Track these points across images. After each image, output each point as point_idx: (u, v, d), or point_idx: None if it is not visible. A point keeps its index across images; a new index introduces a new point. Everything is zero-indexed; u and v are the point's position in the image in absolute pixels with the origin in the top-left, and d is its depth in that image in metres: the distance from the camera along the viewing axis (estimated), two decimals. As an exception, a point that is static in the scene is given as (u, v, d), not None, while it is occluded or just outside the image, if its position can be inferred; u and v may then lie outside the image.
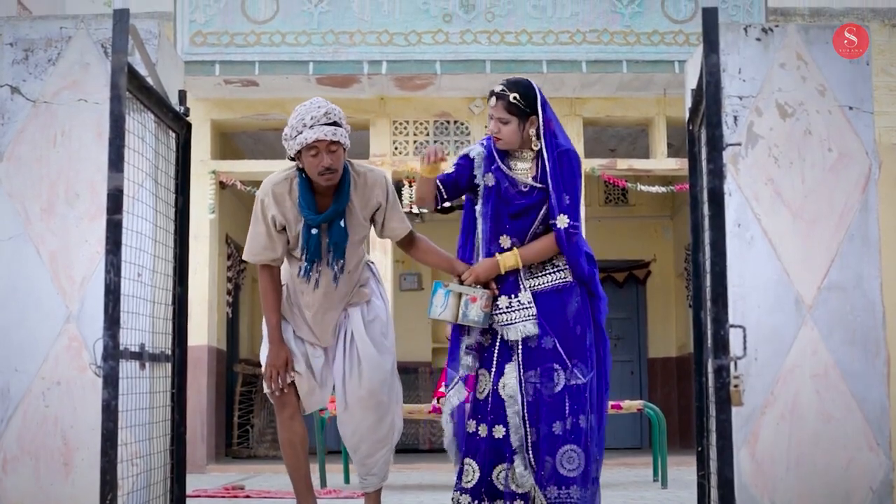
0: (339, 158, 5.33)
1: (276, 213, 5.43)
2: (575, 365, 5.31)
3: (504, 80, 5.55)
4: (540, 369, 5.33)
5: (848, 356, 5.32)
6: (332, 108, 5.37)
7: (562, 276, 5.44)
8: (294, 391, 5.59)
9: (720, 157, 4.31)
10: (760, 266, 5.36)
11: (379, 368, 5.62)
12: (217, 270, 12.62)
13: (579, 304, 5.41)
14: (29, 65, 5.42)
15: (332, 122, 5.32)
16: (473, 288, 5.43)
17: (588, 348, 5.37)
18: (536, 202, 5.44)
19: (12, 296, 5.29)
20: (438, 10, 11.37)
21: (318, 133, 5.25)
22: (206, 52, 11.33)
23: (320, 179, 5.34)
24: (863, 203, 5.41)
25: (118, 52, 4.41)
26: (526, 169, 5.51)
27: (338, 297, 5.61)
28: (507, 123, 5.43)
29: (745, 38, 5.48)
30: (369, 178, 5.57)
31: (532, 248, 5.45)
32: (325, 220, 5.42)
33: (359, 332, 5.66)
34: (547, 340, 5.33)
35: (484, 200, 5.53)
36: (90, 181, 5.33)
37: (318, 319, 5.60)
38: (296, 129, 5.30)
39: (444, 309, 5.46)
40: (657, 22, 11.46)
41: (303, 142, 5.26)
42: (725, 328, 4.22)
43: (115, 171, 4.38)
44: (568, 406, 5.29)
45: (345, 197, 5.43)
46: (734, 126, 5.43)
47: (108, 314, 4.33)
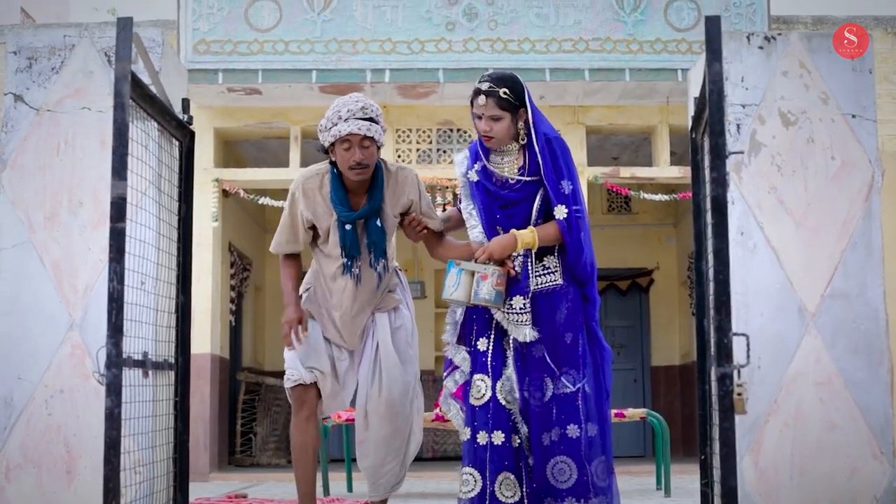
0: (371, 155, 5.29)
1: (304, 209, 5.41)
2: (564, 373, 5.21)
3: (487, 77, 5.37)
4: (529, 378, 5.23)
5: (851, 364, 5.32)
6: (369, 104, 5.32)
7: (552, 280, 5.31)
8: (315, 392, 5.48)
9: (723, 165, 4.31)
10: (763, 274, 5.36)
11: (399, 380, 5.51)
12: (220, 278, 12.61)
13: (570, 309, 5.28)
14: (32, 73, 5.42)
15: (367, 117, 5.27)
16: (485, 265, 5.22)
17: (580, 355, 5.25)
18: (526, 195, 5.33)
19: (15, 304, 5.30)
20: (441, 19, 11.38)
21: (353, 126, 5.21)
22: (210, 61, 11.33)
23: (351, 174, 5.29)
24: (866, 211, 5.40)
25: (122, 60, 4.42)
26: (511, 162, 5.38)
27: (367, 300, 5.52)
28: (499, 120, 5.28)
29: (747, 46, 5.48)
30: (400, 176, 5.50)
31: (545, 229, 5.28)
32: (359, 217, 5.37)
33: (384, 339, 5.55)
34: (537, 348, 5.24)
35: (473, 195, 5.44)
36: (94, 189, 5.33)
37: (346, 322, 5.49)
38: (331, 121, 5.28)
39: (456, 288, 5.24)
40: (660, 30, 11.46)
41: (336, 134, 5.24)
42: (729, 336, 4.22)
43: (118, 179, 4.38)
44: (555, 415, 5.19)
45: (378, 195, 5.38)
46: (737, 134, 5.44)
47: (111, 322, 4.33)
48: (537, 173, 5.30)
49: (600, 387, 5.33)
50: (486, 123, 5.30)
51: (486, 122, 5.30)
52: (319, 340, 5.51)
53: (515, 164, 5.36)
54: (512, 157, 5.37)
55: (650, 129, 12.63)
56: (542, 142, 5.30)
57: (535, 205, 5.31)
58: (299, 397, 5.46)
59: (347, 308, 5.47)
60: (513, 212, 5.33)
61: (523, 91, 5.33)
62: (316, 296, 5.57)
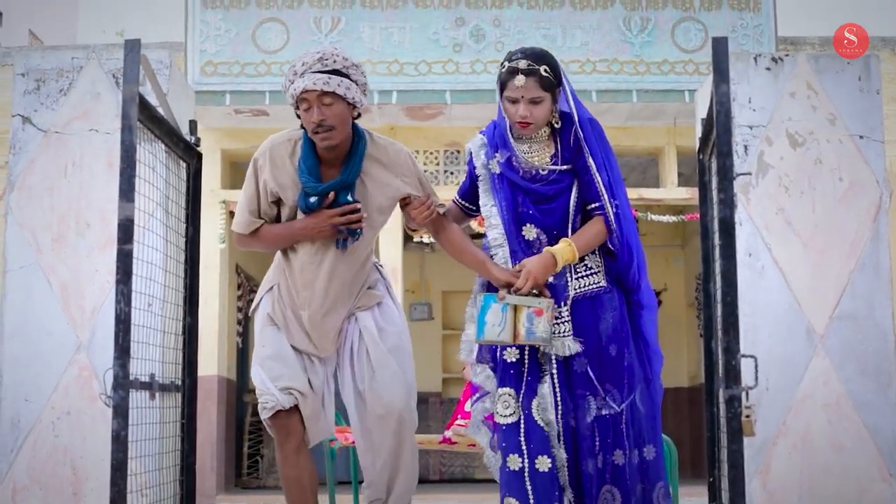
0: (337, 114, 4.57)
1: (268, 178, 4.70)
2: (608, 392, 4.56)
3: (521, 53, 4.68)
4: (573, 396, 4.57)
5: (860, 386, 5.31)
6: (331, 53, 4.59)
7: (595, 282, 4.66)
8: (298, 417, 4.72)
9: (731, 186, 4.31)
10: (772, 295, 5.35)
11: (398, 379, 4.76)
12: (227, 300, 12.60)
13: (616, 318, 4.64)
14: (41, 95, 5.43)
15: (329, 69, 4.55)
16: (536, 298, 4.50)
17: (625, 370, 4.60)
18: (562, 188, 4.68)
19: (23, 326, 5.30)
20: (449, 41, 11.39)
21: (307, 82, 4.51)
22: (217, 82, 11.35)
23: (316, 139, 4.59)
24: (874, 232, 5.40)
25: (129, 82, 4.42)
26: (541, 150, 4.71)
27: (340, 296, 4.76)
28: (539, 103, 4.60)
29: (754, 67, 5.48)
30: (391, 153, 4.79)
31: (584, 235, 4.61)
32: (326, 190, 4.62)
33: (371, 337, 4.80)
34: (579, 362, 4.56)
35: (494, 190, 4.76)
36: (101, 211, 5.34)
37: (315, 322, 4.74)
38: (288, 80, 4.62)
39: (502, 328, 4.48)
40: (667, 51, 11.47)
41: (292, 93, 4.58)
42: (737, 358, 4.20)
43: (125, 201, 4.38)
44: (599, 440, 4.54)
45: (355, 167, 4.66)
46: (744, 155, 5.43)
47: (118, 344, 4.32)
48: (570, 161, 4.68)
49: (654, 403, 4.74)
50: (525, 108, 4.62)
51: (525, 107, 4.62)
52: (289, 354, 4.76)
53: (546, 153, 4.72)
54: (541, 144, 4.73)
55: (657, 151, 12.63)
56: (585, 123, 4.68)
57: (572, 199, 4.69)
58: (283, 426, 4.71)
59: (318, 305, 4.73)
60: (548, 207, 4.68)
61: (559, 68, 4.73)
62: (280, 295, 4.84)
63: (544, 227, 4.68)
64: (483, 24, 11.51)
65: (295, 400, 4.68)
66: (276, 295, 4.83)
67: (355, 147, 4.71)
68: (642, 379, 4.68)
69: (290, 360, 4.74)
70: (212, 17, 11.41)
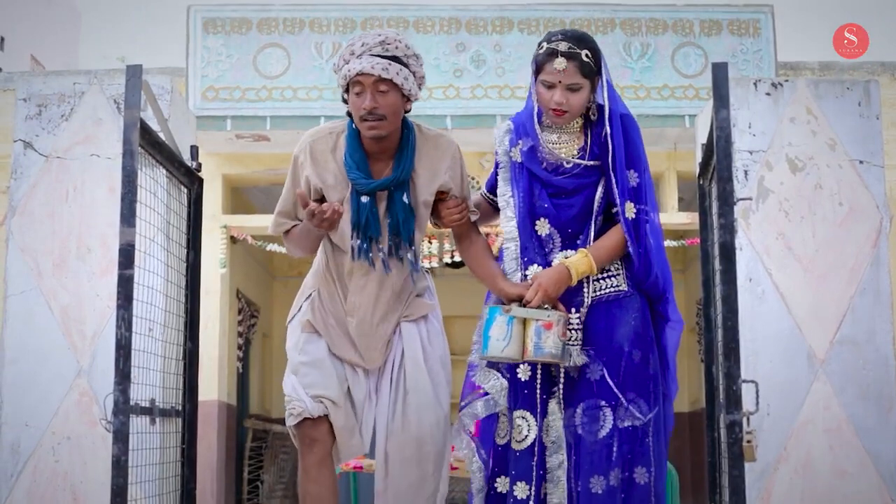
0: (390, 104, 4.20)
1: (311, 174, 4.32)
2: (631, 401, 4.15)
3: (561, 35, 4.28)
4: (583, 406, 4.17)
5: (861, 411, 5.30)
6: (394, 38, 4.24)
7: (614, 284, 4.28)
8: (327, 428, 4.29)
9: (731, 211, 4.31)
10: (772, 320, 5.35)
11: (431, 408, 4.32)
12: (227, 325, 12.59)
13: (639, 320, 4.25)
14: (42, 120, 5.44)
15: (389, 55, 4.20)
16: (546, 310, 4.12)
17: (651, 378, 4.21)
18: (586, 183, 4.29)
19: (23, 351, 5.29)
20: (449, 66, 11.41)
21: (365, 64, 4.15)
22: (218, 108, 11.36)
23: (363, 128, 4.20)
24: (874, 257, 5.40)
25: (131, 107, 4.43)
26: (570, 141, 4.34)
27: (392, 304, 4.37)
28: (577, 90, 4.21)
29: (754, 92, 5.49)
30: (441, 144, 4.41)
31: (603, 245, 4.23)
32: (380, 187, 4.24)
33: (414, 355, 4.36)
34: (593, 369, 4.17)
35: (514, 179, 4.40)
36: (102, 236, 5.34)
37: (365, 331, 4.34)
38: (343, 58, 4.24)
39: (508, 342, 4.11)
40: (667, 76, 11.48)
41: (346, 74, 4.19)
42: (738, 383, 4.20)
43: (126, 225, 4.39)
44: (617, 454, 4.13)
45: (408, 162, 4.31)
46: (745, 180, 5.44)
47: (118, 369, 4.32)
48: (599, 157, 4.30)
49: (667, 427, 4.37)
50: (561, 94, 4.21)
51: (561, 94, 4.21)
52: (325, 360, 4.36)
53: (575, 145, 4.34)
54: (571, 135, 4.35)
55: (658, 175, 12.63)
56: (616, 119, 4.30)
57: (597, 196, 4.30)
58: (307, 435, 4.29)
59: (367, 312, 4.34)
60: (567, 202, 4.30)
61: (601, 54, 4.30)
62: (321, 302, 4.45)
63: (559, 223, 4.32)
64: (484, 49, 11.53)
65: (325, 409, 4.28)
66: (316, 302, 4.44)
67: (405, 140, 4.35)
68: (662, 395, 4.29)
69: (328, 368, 4.34)
70: (213, 43, 11.44)
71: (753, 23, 11.55)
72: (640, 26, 11.51)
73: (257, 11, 11.45)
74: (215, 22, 11.45)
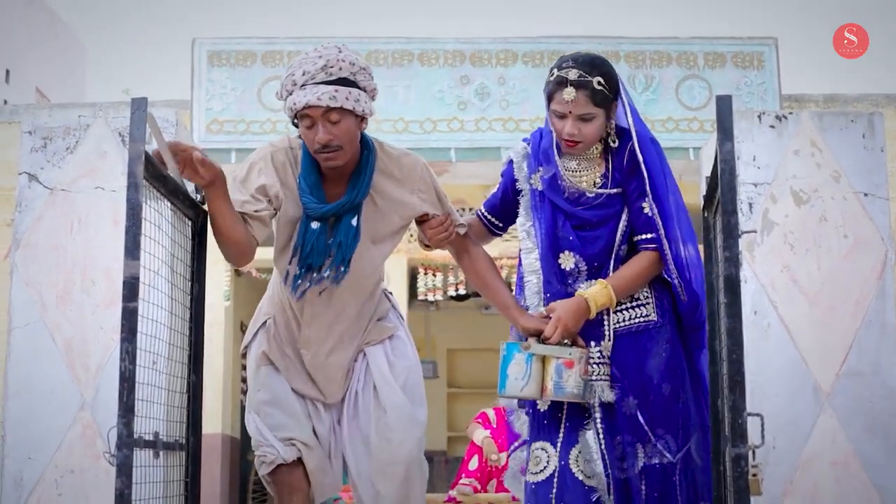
0: (345, 132, 3.90)
1: (273, 181, 4.01)
2: (660, 437, 4.06)
3: (571, 61, 4.06)
4: (622, 441, 4.05)
5: (868, 444, 5.28)
6: (336, 58, 3.89)
7: (643, 314, 4.16)
8: (302, 471, 4.16)
9: (736, 244, 4.30)
10: (777, 353, 5.33)
11: (413, 423, 4.12)
12: (231, 358, 12.58)
13: (669, 352, 4.16)
14: (47, 153, 5.45)
15: (334, 78, 3.87)
16: (566, 347, 3.96)
17: (680, 412, 4.13)
18: (610, 214, 4.13)
19: (27, 383, 5.29)
20: (453, 98, 11.43)
21: (310, 96, 3.85)
22: (223, 140, 11.39)
23: (319, 160, 3.96)
24: (879, 290, 5.39)
25: (136, 141, 4.43)
26: (591, 169, 4.14)
27: (348, 332, 4.16)
28: (590, 120, 4.02)
29: (759, 125, 5.49)
30: (405, 166, 4.14)
31: (624, 275, 4.09)
32: (330, 212, 3.99)
33: (381, 373, 4.16)
34: (627, 405, 4.05)
35: (535, 208, 4.19)
36: (106, 269, 5.34)
37: (319, 363, 4.17)
38: (286, 89, 3.96)
39: (526, 382, 3.94)
40: (671, 109, 11.51)
41: (291, 107, 3.93)
42: (743, 416, 4.18)
43: (131, 258, 4.38)
44: (645, 494, 4.01)
45: (363, 185, 4.02)
46: (749, 213, 5.43)
47: (122, 402, 4.30)
48: (622, 184, 4.14)
49: (706, 457, 4.30)
50: (573, 125, 4.02)
51: (573, 124, 4.02)
52: (289, 398, 4.19)
53: (596, 172, 4.15)
54: (591, 161, 4.16)
55: (662, 208, 12.64)
56: (647, 143, 4.12)
57: (620, 227, 4.15)
58: (284, 483, 4.14)
59: (319, 345, 4.15)
60: (591, 235, 4.12)
61: (617, 78, 4.13)
62: (276, 330, 4.27)
63: (585, 256, 4.15)
64: (488, 82, 11.56)
65: (298, 452, 4.15)
66: (271, 330, 4.30)
67: (364, 161, 4.07)
68: (699, 426, 4.24)
69: (291, 407, 4.19)
70: (218, 76, 11.47)
71: (758, 55, 11.58)
72: (644, 59, 11.55)
73: (262, 44, 11.50)
74: (220, 55, 11.49)
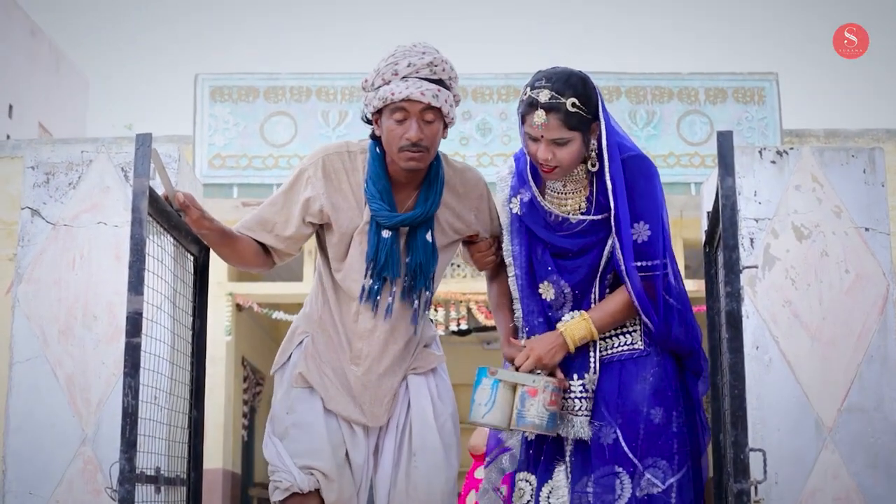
0: (434, 134, 3.72)
1: (320, 195, 3.81)
2: (649, 466, 3.77)
3: (544, 79, 3.70)
4: (596, 475, 3.76)
5: (870, 480, 5.26)
6: (440, 59, 3.72)
7: (627, 342, 3.90)
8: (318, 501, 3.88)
9: (737, 279, 4.30)
10: (779, 388, 5.33)
11: (442, 471, 3.88)
12: (233, 393, 12.58)
13: (657, 375, 3.87)
14: (50, 188, 5.46)
15: (437, 78, 3.70)
16: (535, 375, 3.76)
17: (674, 436, 3.84)
18: (594, 241, 3.84)
19: (28, 418, 5.28)
20: (455, 133, 11.46)
21: (413, 89, 3.64)
22: (225, 175, 11.42)
23: (400, 158, 3.71)
24: (881, 324, 5.39)
25: (140, 176, 4.44)
26: (576, 192, 3.85)
27: (400, 354, 3.92)
28: (565, 144, 3.69)
29: (760, 160, 5.50)
30: (469, 179, 3.97)
31: (605, 309, 3.82)
32: (405, 221, 3.76)
33: (423, 413, 3.90)
34: (606, 433, 3.78)
35: (513, 234, 3.94)
36: (108, 303, 5.34)
37: (370, 383, 3.87)
38: (382, 77, 3.70)
39: (490, 408, 3.73)
40: (673, 144, 11.54)
41: (386, 97, 3.68)
42: (745, 452, 4.17)
43: (134, 294, 4.38)
44: None
45: (435, 196, 3.80)
46: (751, 248, 5.44)
47: (125, 437, 4.30)
48: (608, 209, 3.80)
49: (701, 485, 3.99)
50: (546, 150, 3.70)
51: (546, 149, 3.70)
52: (319, 423, 3.90)
53: (582, 195, 3.86)
54: (578, 183, 3.86)
55: (663, 243, 12.64)
56: (615, 164, 3.76)
57: (605, 254, 3.85)
58: None
59: (374, 362, 3.87)
60: (573, 264, 3.86)
61: (597, 96, 3.76)
62: (316, 350, 4.02)
63: (567, 285, 3.89)
64: (489, 117, 11.60)
65: (316, 483, 3.86)
66: (309, 349, 4.03)
67: (435, 171, 3.85)
68: (691, 453, 3.95)
69: (320, 433, 3.89)
70: (220, 111, 11.51)
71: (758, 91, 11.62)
72: (645, 94, 11.59)
73: (264, 80, 11.54)
74: (222, 90, 11.53)
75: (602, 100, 3.80)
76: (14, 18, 16.90)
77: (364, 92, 3.83)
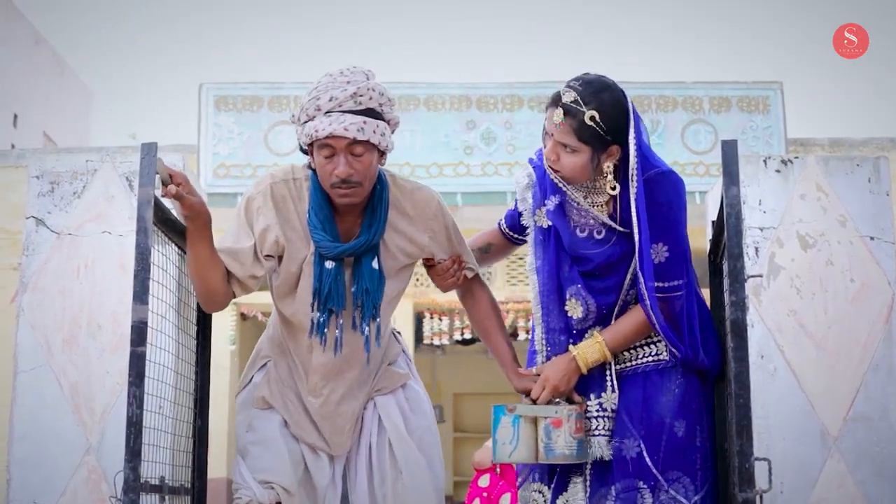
0: (366, 167, 3.59)
1: (271, 224, 3.71)
2: (672, 481, 3.74)
3: (578, 80, 3.62)
4: (617, 488, 3.70)
5: (876, 489, 5.25)
6: (366, 87, 3.56)
7: (652, 353, 3.87)
8: None
9: (742, 288, 4.30)
10: (784, 398, 5.32)
11: (427, 485, 3.83)
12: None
13: (682, 387, 3.84)
14: (54, 197, 5.46)
15: (362, 108, 3.55)
16: (554, 405, 3.68)
17: (697, 450, 3.85)
18: (621, 255, 3.78)
19: (32, 428, 5.28)
20: (460, 143, 11.47)
21: (336, 125, 3.51)
22: (229, 185, 11.42)
23: (334, 195, 3.64)
24: (886, 333, 5.38)
25: (145, 185, 4.43)
26: (599, 206, 3.79)
27: (358, 380, 3.85)
28: (571, 153, 3.63)
29: (764, 169, 5.50)
30: (419, 201, 3.83)
31: (620, 329, 3.77)
32: (348, 251, 3.66)
33: (396, 429, 3.86)
34: (629, 445, 3.74)
35: (538, 249, 3.86)
36: (112, 313, 5.34)
37: (329, 411, 3.84)
38: (306, 112, 3.63)
39: (515, 446, 3.64)
40: (677, 153, 11.53)
41: (311, 133, 3.59)
42: (750, 461, 4.17)
43: (139, 303, 4.38)
44: None
45: (379, 223, 3.69)
46: (755, 257, 5.44)
47: (129, 446, 4.29)
48: (631, 225, 3.73)
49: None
50: (552, 149, 3.66)
51: (552, 148, 3.66)
52: (277, 440, 3.89)
53: (605, 210, 3.80)
54: (600, 197, 3.79)
55: (668, 252, 12.64)
56: (639, 185, 3.68)
57: (630, 270, 3.80)
58: None
59: (331, 392, 3.83)
60: (602, 284, 3.79)
61: (626, 120, 3.66)
62: (277, 373, 4.00)
63: (599, 303, 3.82)
64: (494, 126, 11.60)
65: (276, 497, 3.83)
66: (272, 373, 4.03)
67: (378, 196, 3.73)
68: (713, 469, 3.98)
69: (279, 449, 3.88)
70: (224, 120, 11.52)
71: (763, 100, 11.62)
72: (650, 103, 11.58)
73: (269, 89, 11.55)
74: (227, 99, 11.54)
75: (639, 129, 3.71)
76: (17, 28, 16.92)
77: (295, 124, 3.75)
